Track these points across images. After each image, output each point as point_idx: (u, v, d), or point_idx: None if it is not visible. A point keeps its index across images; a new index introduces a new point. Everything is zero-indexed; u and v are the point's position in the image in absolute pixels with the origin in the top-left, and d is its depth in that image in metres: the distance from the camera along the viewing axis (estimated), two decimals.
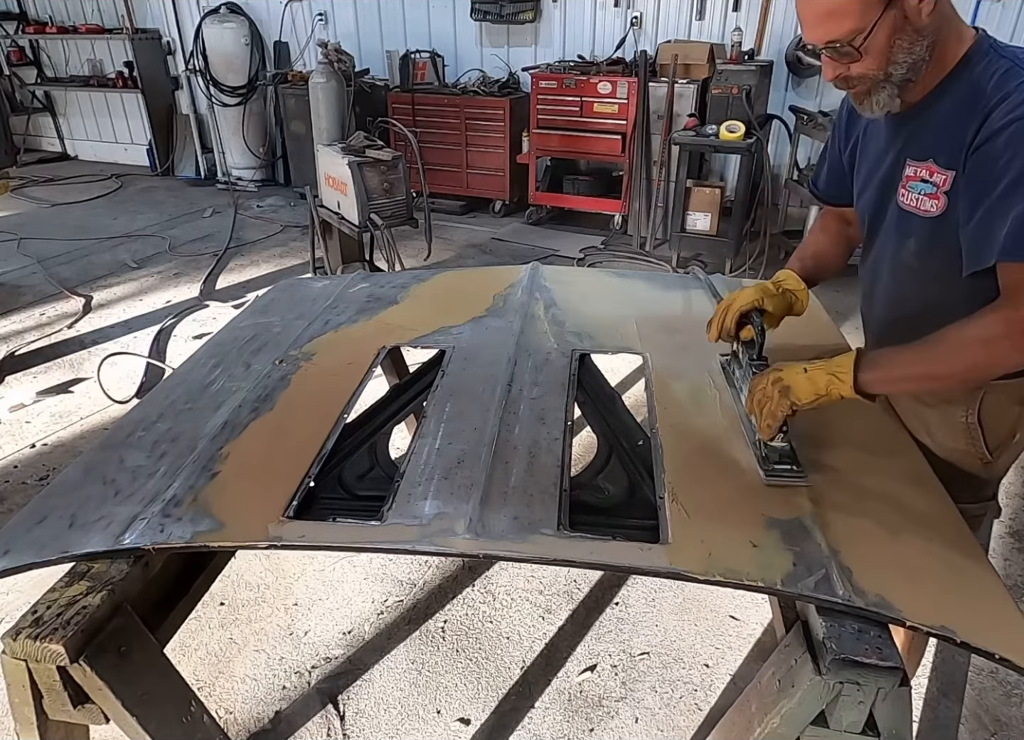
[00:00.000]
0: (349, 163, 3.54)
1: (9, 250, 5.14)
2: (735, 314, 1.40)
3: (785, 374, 1.19)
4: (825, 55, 1.11)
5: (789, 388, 1.17)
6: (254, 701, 1.87)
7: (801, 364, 1.19)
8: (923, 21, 1.05)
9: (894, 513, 1.17)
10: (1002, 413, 1.26)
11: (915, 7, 1.03)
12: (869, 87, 1.13)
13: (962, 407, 1.27)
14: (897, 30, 1.05)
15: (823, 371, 1.15)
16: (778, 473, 1.21)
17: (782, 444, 1.22)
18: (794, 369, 1.19)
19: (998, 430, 1.27)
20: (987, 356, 1.06)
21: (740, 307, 1.40)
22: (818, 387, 1.15)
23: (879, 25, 1.04)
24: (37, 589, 1.08)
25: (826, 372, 1.15)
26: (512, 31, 5.66)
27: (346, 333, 1.80)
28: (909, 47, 1.07)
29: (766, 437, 1.22)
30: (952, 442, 1.31)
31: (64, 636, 0.97)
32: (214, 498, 1.19)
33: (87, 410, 3.18)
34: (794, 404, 1.17)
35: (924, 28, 1.05)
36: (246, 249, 5.24)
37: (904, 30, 1.05)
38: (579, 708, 1.84)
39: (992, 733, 1.79)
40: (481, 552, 1.09)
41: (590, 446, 1.56)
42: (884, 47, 1.06)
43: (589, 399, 1.57)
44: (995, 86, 1.04)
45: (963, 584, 1.05)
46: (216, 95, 6.48)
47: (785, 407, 1.17)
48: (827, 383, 1.15)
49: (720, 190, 4.58)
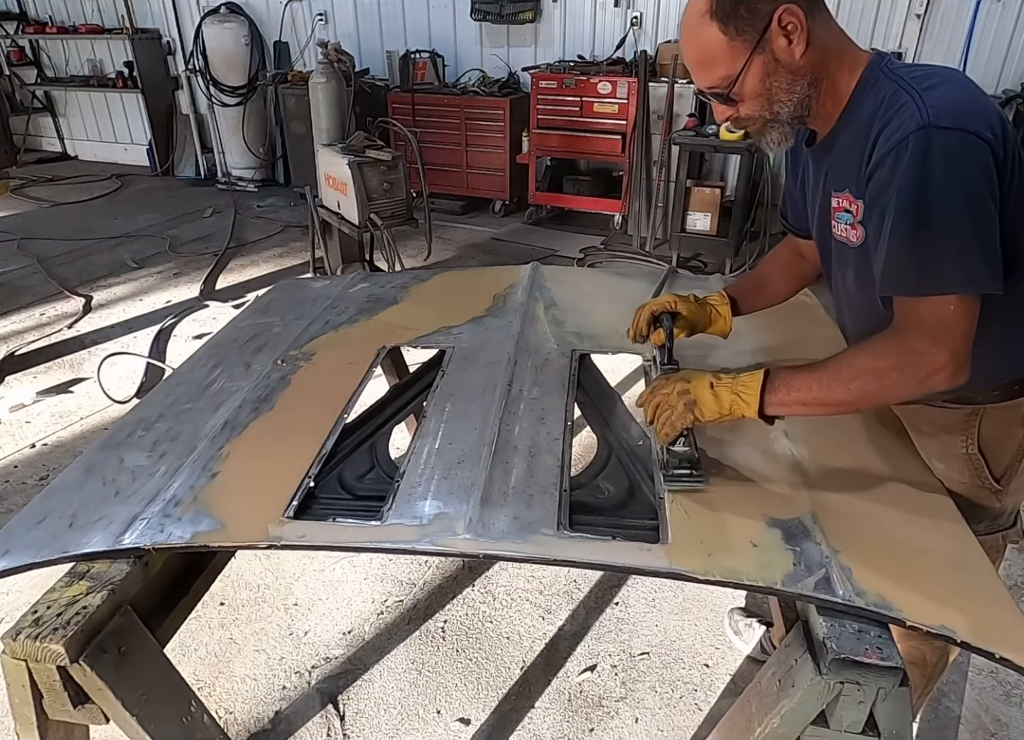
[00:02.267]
0: (349, 163, 3.53)
1: (9, 250, 5.14)
2: (647, 315, 1.45)
3: (693, 386, 1.16)
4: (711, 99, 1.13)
5: (695, 402, 1.15)
6: (254, 701, 1.87)
7: (709, 375, 1.16)
8: (797, 62, 1.05)
9: (894, 513, 1.17)
10: (1004, 439, 1.21)
11: (786, 49, 1.04)
12: (760, 127, 1.13)
13: (960, 437, 1.22)
14: (770, 73, 1.06)
15: (729, 390, 1.12)
16: (676, 478, 1.19)
17: (684, 448, 1.19)
18: (703, 381, 1.15)
19: (1002, 457, 1.22)
20: (877, 387, 1.04)
21: (652, 309, 1.44)
22: (722, 406, 1.13)
23: (748, 70, 1.05)
24: (37, 589, 1.08)
25: (731, 390, 1.12)
26: (512, 31, 5.66)
27: (346, 333, 1.79)
28: (788, 87, 1.07)
29: (663, 443, 1.20)
30: (957, 474, 1.25)
31: (64, 636, 0.97)
32: (214, 498, 1.19)
33: (87, 410, 3.18)
34: (696, 419, 1.15)
35: (800, 68, 1.06)
36: (246, 249, 5.24)
37: (778, 72, 1.06)
38: (579, 708, 1.84)
39: (992, 733, 1.79)
40: (481, 552, 1.09)
41: (590, 446, 1.56)
42: (760, 90, 1.07)
43: (589, 399, 1.57)
44: (882, 111, 1.02)
45: (963, 584, 1.05)
46: (216, 95, 6.48)
47: (687, 420, 1.15)
48: (731, 403, 1.12)
49: (720, 190, 4.58)
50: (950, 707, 1.84)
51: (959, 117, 0.95)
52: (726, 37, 1.04)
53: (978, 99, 1.00)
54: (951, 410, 1.22)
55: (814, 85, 1.08)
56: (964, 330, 0.99)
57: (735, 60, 1.05)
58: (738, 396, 1.12)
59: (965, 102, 0.98)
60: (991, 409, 1.19)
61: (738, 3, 1.02)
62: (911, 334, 1.01)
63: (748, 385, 1.11)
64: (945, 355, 0.99)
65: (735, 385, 1.12)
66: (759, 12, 1.02)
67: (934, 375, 1.00)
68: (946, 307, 0.98)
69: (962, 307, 0.98)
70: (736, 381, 1.13)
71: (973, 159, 0.95)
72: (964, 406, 1.21)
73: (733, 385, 1.12)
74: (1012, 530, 1.30)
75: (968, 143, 0.94)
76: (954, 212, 0.95)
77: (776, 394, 1.10)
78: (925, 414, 1.28)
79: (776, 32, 1.03)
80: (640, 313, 1.47)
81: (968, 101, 0.99)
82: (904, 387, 1.03)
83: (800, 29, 1.03)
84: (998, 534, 1.29)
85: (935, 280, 0.98)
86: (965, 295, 0.98)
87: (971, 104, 0.98)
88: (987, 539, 1.23)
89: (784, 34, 1.03)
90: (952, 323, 0.98)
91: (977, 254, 0.96)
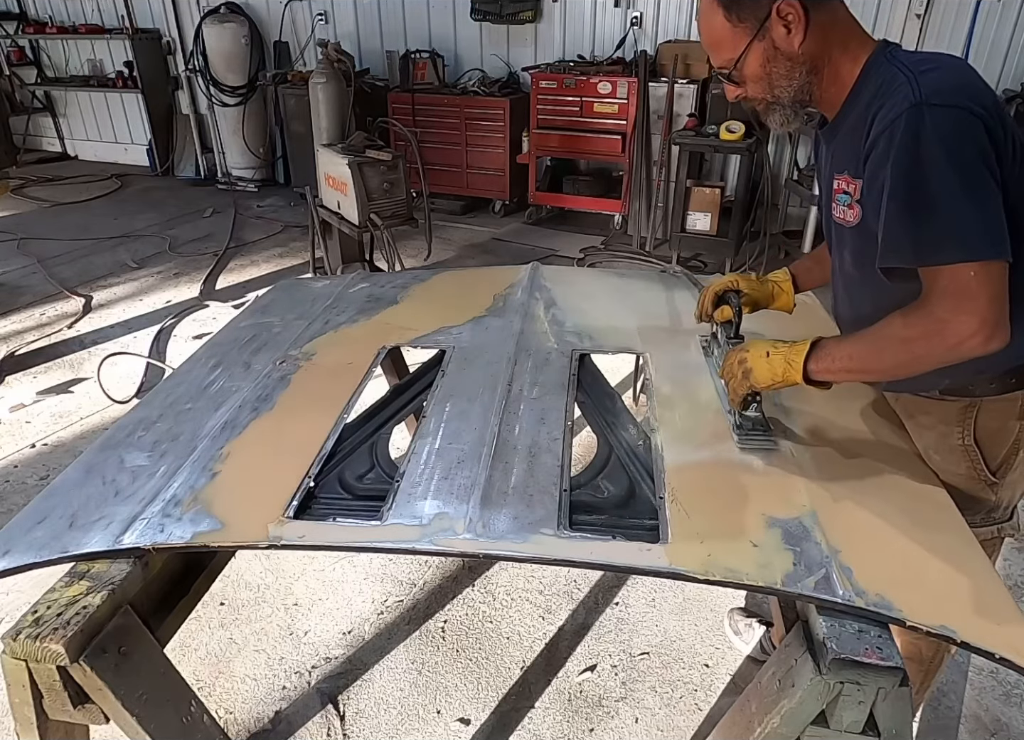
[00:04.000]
0: (349, 163, 3.53)
1: (9, 250, 5.14)
2: (712, 295, 1.54)
3: (750, 355, 1.24)
4: (721, 79, 1.21)
5: (751, 370, 1.23)
6: (254, 701, 1.87)
7: (767, 345, 1.23)
8: (795, 50, 1.11)
9: (894, 513, 1.17)
10: (999, 431, 1.23)
11: (784, 37, 1.10)
12: (764, 108, 1.21)
13: (957, 428, 1.24)
14: (769, 59, 1.13)
15: (783, 358, 1.19)
16: (750, 438, 1.31)
17: (755, 414, 1.31)
18: (760, 351, 1.23)
19: (997, 450, 1.24)
20: (908, 356, 1.08)
21: (716, 289, 1.54)
22: (775, 373, 1.20)
23: (748, 54, 1.13)
24: (37, 589, 1.08)
25: (784, 359, 1.19)
26: (512, 31, 5.66)
27: (346, 333, 1.79)
28: (787, 73, 1.14)
29: (734, 407, 1.32)
30: (953, 466, 1.27)
31: (64, 636, 0.97)
32: (214, 498, 1.19)
33: (87, 410, 3.18)
34: (752, 386, 1.24)
35: (799, 56, 1.12)
36: (246, 249, 5.24)
37: (777, 59, 1.12)
38: (579, 708, 1.84)
39: (992, 733, 1.79)
40: (481, 552, 1.09)
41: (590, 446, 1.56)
42: (760, 74, 1.15)
43: (589, 399, 1.57)
44: (880, 93, 1.06)
45: (963, 584, 1.05)
46: (216, 95, 6.48)
47: (745, 387, 1.26)
48: (784, 370, 1.19)
49: (720, 190, 4.58)
50: (950, 707, 1.84)
51: (949, 94, 0.99)
52: (730, 23, 1.12)
53: (972, 81, 1.03)
54: (948, 402, 1.24)
55: (814, 72, 1.13)
56: (989, 295, 1.00)
57: (737, 45, 1.13)
58: (789, 365, 1.18)
59: (958, 82, 1.02)
60: (988, 402, 1.21)
61: None
62: (936, 304, 1.03)
63: (797, 354, 1.18)
64: (973, 321, 1.00)
65: (788, 353, 1.19)
66: (760, 2, 1.09)
67: (965, 342, 1.02)
68: (965, 274, 0.99)
69: (983, 273, 0.99)
70: (791, 349, 1.19)
71: (965, 133, 0.98)
72: (961, 399, 1.22)
73: (787, 354, 1.19)
74: (1008, 523, 1.31)
75: (959, 118, 0.98)
76: (947, 183, 0.98)
77: (820, 363, 1.16)
78: (923, 406, 1.29)
79: (776, 21, 1.09)
80: (705, 294, 1.56)
81: (961, 81, 1.02)
82: (934, 355, 1.06)
83: (798, 20, 1.08)
84: (993, 527, 1.30)
85: (931, 249, 1.01)
86: (985, 262, 0.99)
87: (963, 84, 1.02)
88: (982, 531, 1.26)
89: (784, 24, 1.09)
90: (975, 290, 1.00)
91: (971, 222, 0.99)
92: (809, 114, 1.22)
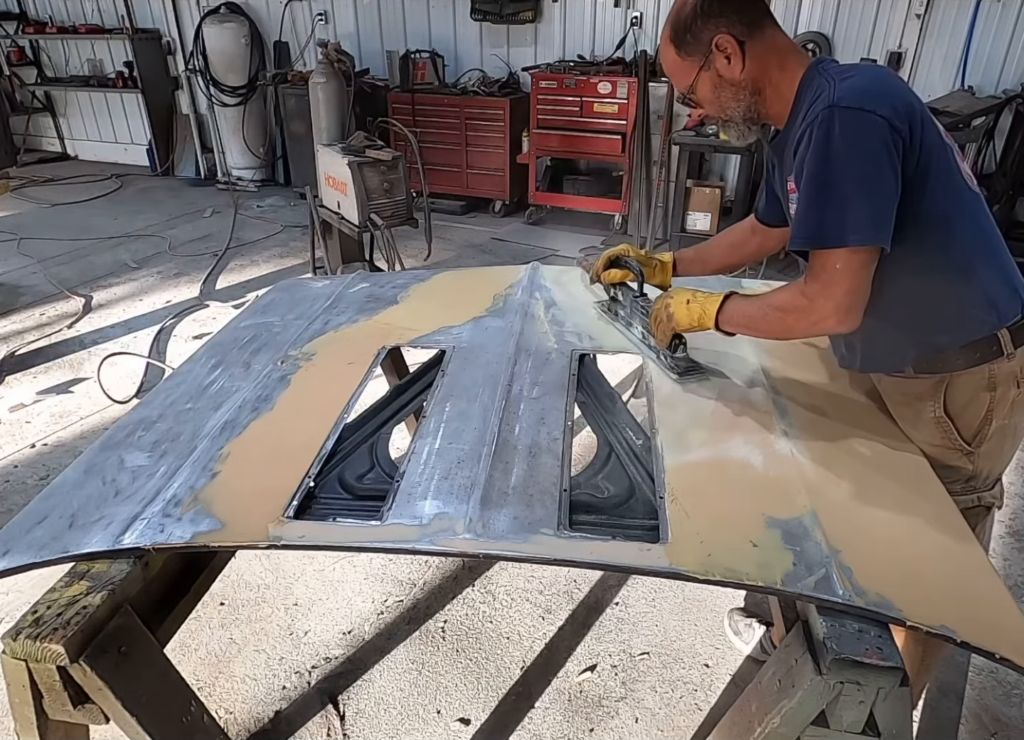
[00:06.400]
0: (349, 163, 3.53)
1: (9, 250, 5.14)
2: (605, 259, 1.76)
3: (673, 301, 1.43)
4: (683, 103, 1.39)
5: (672, 315, 1.42)
6: (254, 701, 1.87)
7: (688, 293, 1.42)
8: (737, 77, 1.26)
9: (894, 513, 1.17)
10: (970, 403, 1.28)
11: (726, 67, 1.25)
12: (721, 125, 1.37)
13: (929, 402, 1.31)
14: (716, 85, 1.28)
15: (699, 305, 1.38)
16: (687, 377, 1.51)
17: (681, 354, 1.51)
18: (682, 297, 1.42)
19: (970, 420, 1.29)
20: (782, 325, 1.27)
21: (610, 254, 1.75)
22: (692, 318, 1.40)
23: (698, 82, 1.30)
24: (37, 589, 1.08)
25: (701, 307, 1.38)
26: (512, 31, 5.66)
27: (346, 333, 1.79)
28: (734, 96, 1.29)
29: (661, 347, 1.52)
30: (929, 438, 1.33)
31: (64, 636, 0.97)
32: (214, 498, 1.19)
33: (87, 410, 3.18)
34: (674, 328, 1.43)
35: (741, 81, 1.27)
36: (246, 249, 5.24)
37: (723, 85, 1.28)
38: (579, 708, 1.84)
39: (992, 733, 1.79)
40: (481, 552, 1.09)
41: (590, 446, 1.56)
42: (711, 98, 1.31)
43: (589, 399, 1.57)
44: (809, 100, 1.19)
45: (963, 584, 1.05)
46: (216, 95, 6.48)
47: (669, 330, 1.45)
48: (699, 316, 1.38)
49: (720, 190, 4.58)
50: (950, 707, 1.84)
51: (859, 98, 1.11)
52: (679, 57, 1.30)
53: (885, 88, 1.15)
54: (922, 379, 1.32)
55: (758, 93, 1.28)
56: (847, 286, 1.15)
57: (689, 75, 1.30)
58: (704, 312, 1.38)
59: (871, 88, 1.14)
60: (956, 376, 1.28)
61: (686, 32, 1.26)
62: (809, 284, 1.20)
63: (712, 304, 1.37)
64: (829, 305, 1.17)
65: (705, 303, 1.38)
66: (702, 39, 1.25)
67: (821, 322, 1.20)
68: (833, 261, 1.15)
69: (847, 262, 1.14)
70: (707, 300, 1.39)
71: (868, 132, 1.10)
72: (933, 375, 1.30)
73: (704, 303, 1.38)
74: (989, 492, 1.37)
75: (864, 119, 1.10)
76: (844, 175, 1.11)
77: (725, 315, 1.36)
78: (900, 385, 1.37)
79: (717, 54, 1.25)
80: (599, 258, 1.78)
81: (874, 88, 1.14)
82: (800, 329, 1.26)
83: (735, 52, 1.24)
84: (973, 495, 1.35)
85: (821, 233, 1.15)
86: (853, 251, 1.13)
87: (876, 90, 1.14)
88: (962, 500, 1.32)
89: (724, 56, 1.25)
90: (837, 277, 1.15)
91: (857, 211, 1.11)
92: (764, 128, 1.38)
